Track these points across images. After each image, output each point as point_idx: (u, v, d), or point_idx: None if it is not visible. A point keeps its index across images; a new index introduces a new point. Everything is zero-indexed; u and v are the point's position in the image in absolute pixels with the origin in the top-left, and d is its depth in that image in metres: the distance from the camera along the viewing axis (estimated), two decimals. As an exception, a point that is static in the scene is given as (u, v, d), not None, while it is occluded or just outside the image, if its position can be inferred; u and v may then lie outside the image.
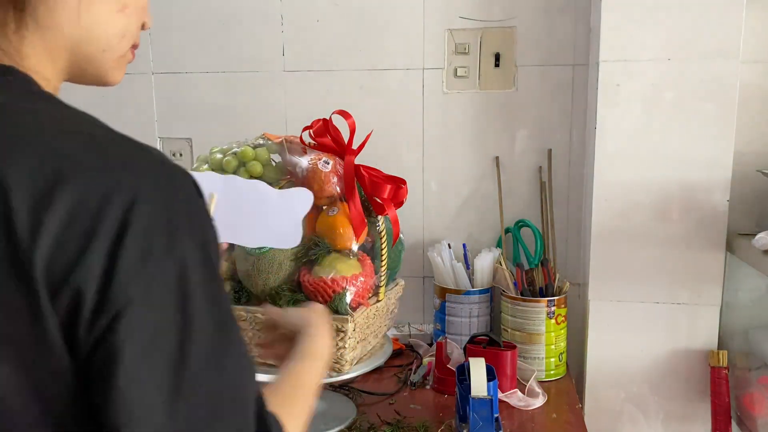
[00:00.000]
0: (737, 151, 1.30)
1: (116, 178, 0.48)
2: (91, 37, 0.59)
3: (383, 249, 1.18)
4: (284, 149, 1.23)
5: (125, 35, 0.62)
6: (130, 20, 0.62)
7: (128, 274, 0.47)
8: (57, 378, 0.48)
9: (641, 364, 1.39)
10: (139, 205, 0.48)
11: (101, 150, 0.50)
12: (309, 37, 1.57)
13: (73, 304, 0.46)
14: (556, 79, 1.50)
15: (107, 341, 0.47)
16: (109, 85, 0.65)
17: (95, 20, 0.58)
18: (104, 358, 0.47)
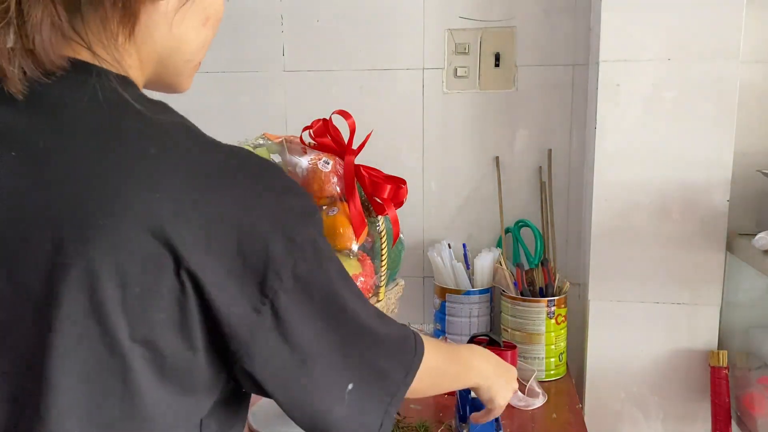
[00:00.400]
0: (737, 151, 1.30)
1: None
2: (178, 49, 0.62)
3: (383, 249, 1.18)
4: (284, 149, 1.23)
5: (205, 46, 0.65)
6: (210, 33, 0.65)
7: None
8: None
9: (641, 364, 1.39)
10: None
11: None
12: (309, 37, 1.57)
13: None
14: (556, 79, 1.50)
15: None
16: (179, 92, 0.68)
17: (184, 33, 0.61)
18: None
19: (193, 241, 0.50)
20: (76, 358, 0.49)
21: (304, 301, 0.56)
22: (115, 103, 0.54)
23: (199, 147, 0.56)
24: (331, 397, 0.60)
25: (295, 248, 0.55)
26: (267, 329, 0.54)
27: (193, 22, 0.61)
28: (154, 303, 0.50)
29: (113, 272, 0.48)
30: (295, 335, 0.56)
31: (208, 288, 0.51)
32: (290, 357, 0.56)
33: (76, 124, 0.52)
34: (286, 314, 0.55)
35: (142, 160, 0.51)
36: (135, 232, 0.49)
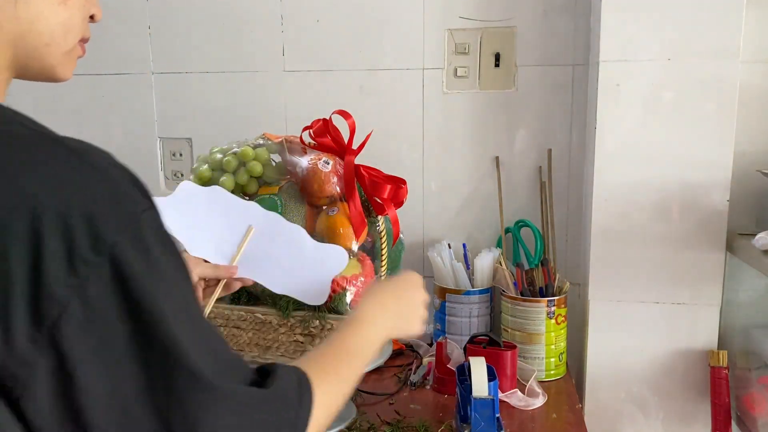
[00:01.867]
0: (737, 151, 1.30)
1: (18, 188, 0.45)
2: (32, 31, 0.57)
3: (383, 249, 1.18)
4: (284, 149, 1.23)
5: (70, 28, 0.60)
6: (74, 12, 0.60)
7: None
8: None
9: (641, 364, 1.39)
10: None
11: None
12: (309, 37, 1.57)
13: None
14: (556, 79, 1.50)
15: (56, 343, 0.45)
16: (58, 81, 0.63)
17: (35, 13, 0.56)
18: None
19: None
20: None
21: (101, 333, 0.47)
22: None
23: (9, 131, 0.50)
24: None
25: (79, 262, 0.45)
26: (48, 368, 0.46)
27: (44, 1, 0.57)
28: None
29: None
30: (82, 377, 0.47)
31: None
32: (85, 400, 0.47)
33: None
34: (70, 350, 0.46)
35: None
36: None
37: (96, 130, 1.66)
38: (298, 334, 1.13)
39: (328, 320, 1.10)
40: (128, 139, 1.66)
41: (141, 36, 1.62)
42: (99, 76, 1.64)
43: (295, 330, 1.13)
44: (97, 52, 1.63)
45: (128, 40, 1.62)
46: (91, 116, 1.67)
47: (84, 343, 0.46)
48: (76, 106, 1.66)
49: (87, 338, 0.46)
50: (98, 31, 1.64)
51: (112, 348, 0.47)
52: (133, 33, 1.62)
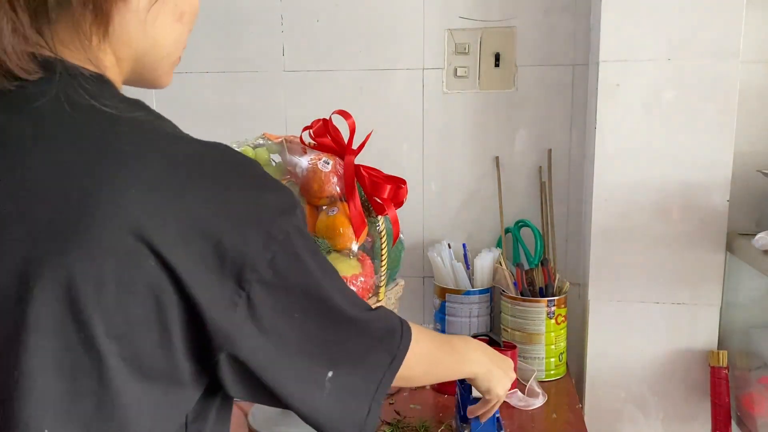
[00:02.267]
0: (737, 151, 1.30)
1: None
2: (155, 47, 0.62)
3: (383, 249, 1.18)
4: (284, 149, 1.23)
5: (181, 42, 0.66)
6: (186, 28, 0.65)
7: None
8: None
9: (641, 364, 1.39)
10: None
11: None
12: (309, 37, 1.57)
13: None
14: (556, 79, 1.50)
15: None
16: (159, 88, 0.69)
17: (159, 30, 0.61)
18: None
19: (170, 236, 0.50)
20: (50, 356, 0.49)
21: (280, 293, 0.56)
22: (84, 105, 0.54)
23: (175, 143, 0.55)
24: (311, 385, 0.61)
25: (271, 242, 0.55)
26: (243, 320, 0.55)
27: (166, 19, 0.61)
28: (131, 299, 0.50)
29: (88, 270, 0.48)
30: (269, 325, 0.56)
31: (186, 283, 0.51)
32: (267, 346, 0.57)
33: (47, 129, 0.52)
34: (260, 305, 0.55)
35: (115, 159, 0.51)
36: (110, 231, 0.48)
37: (96, 130, 1.66)
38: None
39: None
40: (128, 139, 1.66)
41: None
42: (99, 76, 1.64)
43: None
44: (97, 52, 1.63)
45: (128, 40, 1.62)
46: (91, 116, 1.67)
47: (271, 299, 0.56)
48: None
49: (273, 296, 0.56)
50: (98, 31, 1.64)
51: (287, 302, 0.58)
52: (133, 33, 1.62)
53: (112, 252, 0.49)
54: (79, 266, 0.48)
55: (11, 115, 0.53)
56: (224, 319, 0.53)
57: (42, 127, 0.52)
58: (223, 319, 0.53)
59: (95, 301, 0.49)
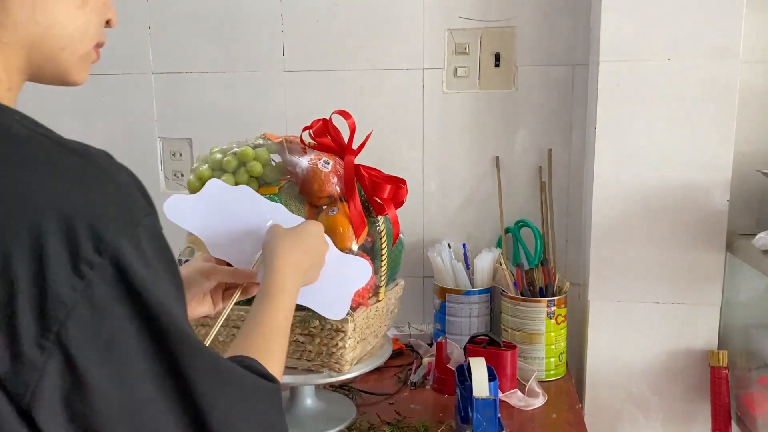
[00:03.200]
0: (737, 151, 1.30)
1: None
2: (48, 35, 0.57)
3: (383, 249, 1.18)
4: (284, 149, 1.23)
5: (86, 33, 0.60)
6: (91, 17, 0.60)
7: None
8: None
9: (641, 364, 1.39)
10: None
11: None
12: (309, 37, 1.57)
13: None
14: (556, 79, 1.50)
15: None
16: (72, 85, 0.62)
17: (53, 17, 0.56)
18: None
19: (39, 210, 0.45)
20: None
21: (109, 334, 0.47)
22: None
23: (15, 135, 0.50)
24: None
25: (83, 264, 0.46)
26: (57, 373, 0.46)
27: (63, 4, 0.57)
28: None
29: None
30: (93, 383, 0.47)
31: (44, 243, 0.45)
32: (94, 407, 0.47)
33: None
34: (78, 352, 0.46)
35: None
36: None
37: (96, 130, 1.66)
38: (298, 334, 1.13)
39: (328, 320, 1.10)
40: (128, 139, 1.66)
41: (141, 36, 1.62)
42: (99, 76, 1.64)
43: (295, 330, 1.13)
44: (97, 52, 1.63)
45: (128, 40, 1.62)
46: (91, 116, 1.67)
47: (92, 345, 0.46)
48: (76, 106, 1.66)
49: (95, 340, 0.46)
50: (98, 31, 1.64)
51: (121, 347, 0.48)
52: (133, 33, 1.62)
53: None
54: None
55: None
56: (21, 365, 0.45)
57: None
58: (19, 365, 0.45)
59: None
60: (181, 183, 1.67)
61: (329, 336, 1.11)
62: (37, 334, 0.44)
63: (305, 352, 1.14)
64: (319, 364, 1.13)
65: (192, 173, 1.24)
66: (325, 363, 1.13)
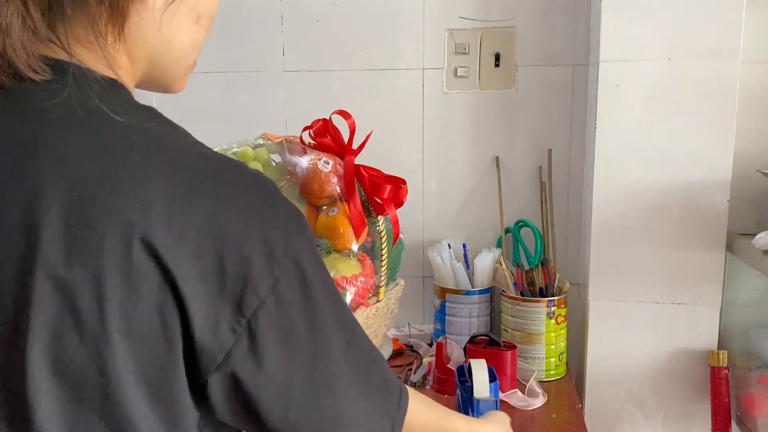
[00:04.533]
0: (737, 151, 1.30)
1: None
2: (169, 48, 0.61)
3: (383, 249, 1.18)
4: (284, 149, 1.23)
5: (197, 46, 0.64)
6: (202, 31, 0.64)
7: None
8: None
9: (641, 364, 1.39)
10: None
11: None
12: (309, 37, 1.57)
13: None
14: (556, 79, 1.50)
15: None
16: (173, 92, 0.67)
17: (174, 32, 0.60)
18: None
19: (176, 250, 0.49)
20: (55, 367, 0.48)
21: (283, 325, 0.53)
22: (96, 112, 0.52)
23: (186, 154, 0.53)
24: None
25: (275, 266, 0.52)
26: (242, 350, 0.52)
27: (183, 20, 0.60)
28: (136, 313, 0.48)
29: (91, 282, 0.47)
30: (267, 362, 0.53)
31: (187, 301, 0.49)
32: (262, 383, 0.53)
33: (54, 134, 0.50)
34: (262, 337, 0.52)
35: (123, 169, 0.49)
36: (115, 242, 0.47)
37: (96, 130, 1.66)
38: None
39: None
40: (128, 139, 1.66)
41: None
42: (99, 76, 1.64)
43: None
44: (97, 52, 1.63)
45: (128, 40, 1.62)
46: (91, 116, 1.67)
47: (273, 333, 0.53)
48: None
49: (276, 329, 0.53)
50: (98, 31, 1.64)
51: (292, 338, 0.54)
52: (133, 33, 1.62)
53: (116, 262, 0.47)
54: (77, 271, 0.47)
55: (15, 117, 0.52)
56: (216, 342, 0.51)
57: (49, 131, 0.51)
58: (215, 341, 0.51)
59: (97, 313, 0.47)
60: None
61: (329, 336, 1.11)
62: (233, 319, 0.51)
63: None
64: (319, 364, 1.13)
65: (192, 173, 1.24)
66: (325, 363, 1.13)
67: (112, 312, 0.48)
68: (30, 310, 0.47)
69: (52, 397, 0.48)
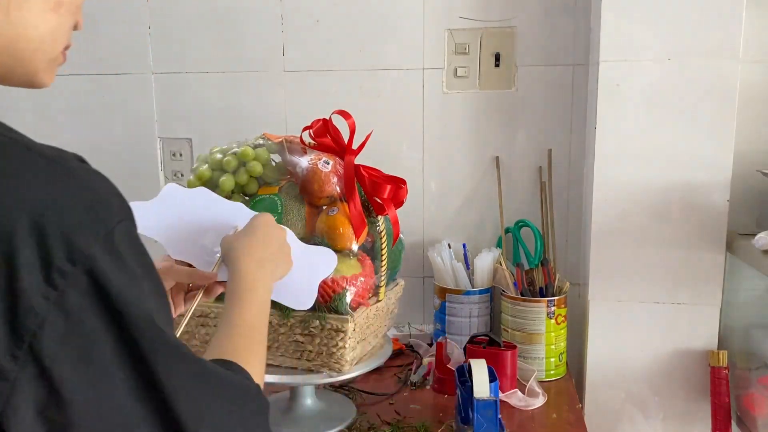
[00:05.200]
0: (737, 151, 1.30)
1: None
2: (22, 36, 0.56)
3: (383, 249, 1.18)
4: (284, 149, 1.23)
5: (58, 36, 0.59)
6: (63, 20, 0.59)
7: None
8: None
9: (641, 364, 1.39)
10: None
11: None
12: (309, 37, 1.57)
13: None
14: (556, 79, 1.50)
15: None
16: (37, 87, 0.61)
17: (27, 19, 0.55)
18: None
19: (8, 215, 0.45)
20: None
21: (83, 343, 0.47)
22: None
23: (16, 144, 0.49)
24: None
25: (55, 274, 0.45)
26: (32, 382, 0.46)
27: (37, 6, 0.56)
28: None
29: None
30: (66, 389, 0.47)
31: (15, 256, 0.44)
32: (69, 414, 0.47)
33: None
34: (52, 363, 0.46)
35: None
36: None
37: (96, 130, 1.66)
38: (298, 334, 1.13)
39: (328, 320, 1.10)
40: (128, 139, 1.66)
41: (141, 36, 1.62)
42: (99, 76, 1.64)
43: (295, 330, 1.13)
44: (97, 52, 1.63)
45: (128, 40, 1.62)
46: (91, 116, 1.67)
47: (67, 356, 0.46)
48: (76, 106, 1.66)
49: (69, 350, 0.46)
50: (98, 31, 1.64)
51: (97, 358, 0.47)
52: (133, 33, 1.62)
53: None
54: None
55: None
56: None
57: None
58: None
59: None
60: (182, 183, 1.67)
61: (329, 336, 1.11)
62: (10, 345, 0.44)
63: (305, 352, 1.14)
64: (319, 364, 1.13)
65: (192, 173, 1.24)
66: (325, 363, 1.13)
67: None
68: None
69: None
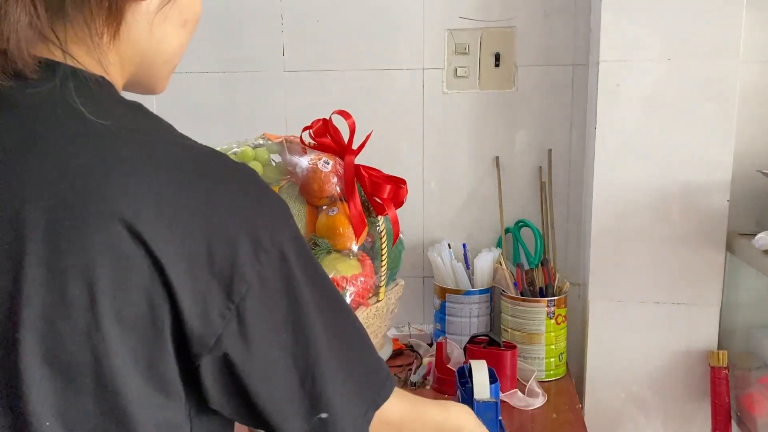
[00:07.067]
0: (737, 151, 1.30)
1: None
2: (158, 50, 0.62)
3: (383, 249, 1.18)
4: (284, 149, 1.23)
5: (183, 49, 0.66)
6: (188, 35, 0.66)
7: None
8: None
9: (641, 364, 1.39)
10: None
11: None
12: (309, 37, 1.57)
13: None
14: (556, 79, 1.50)
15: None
16: (155, 94, 0.69)
17: (164, 35, 0.62)
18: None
19: (164, 239, 0.50)
20: (48, 355, 0.49)
21: (271, 308, 0.56)
22: (83, 108, 0.53)
23: (173, 147, 0.55)
24: (295, 413, 0.59)
25: (262, 252, 0.54)
26: (232, 334, 0.54)
27: (172, 23, 0.63)
28: (126, 300, 0.50)
29: (81, 271, 0.48)
30: (255, 344, 0.55)
31: (175, 288, 0.51)
32: (250, 364, 0.55)
33: (42, 128, 0.52)
34: (250, 321, 0.54)
35: (112, 162, 0.51)
36: (104, 233, 0.48)
37: (96, 130, 1.66)
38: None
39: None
40: (128, 139, 1.66)
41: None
42: (99, 76, 1.63)
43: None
44: (97, 52, 1.63)
45: (128, 40, 1.62)
46: (91, 116, 1.67)
47: (259, 314, 0.55)
48: (76, 106, 1.66)
49: (262, 313, 0.55)
50: (98, 31, 1.64)
51: (276, 322, 0.56)
52: (133, 33, 1.62)
53: (105, 251, 0.49)
54: (67, 259, 0.48)
55: (8, 113, 0.53)
56: (207, 327, 0.53)
57: (39, 127, 0.52)
58: (206, 327, 0.52)
59: (89, 300, 0.49)
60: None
61: (329, 336, 1.11)
62: (221, 306, 0.53)
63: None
64: (319, 365, 1.13)
65: (192, 173, 1.24)
66: (325, 363, 1.13)
67: (103, 301, 0.49)
68: (21, 300, 0.48)
69: (46, 385, 0.49)
